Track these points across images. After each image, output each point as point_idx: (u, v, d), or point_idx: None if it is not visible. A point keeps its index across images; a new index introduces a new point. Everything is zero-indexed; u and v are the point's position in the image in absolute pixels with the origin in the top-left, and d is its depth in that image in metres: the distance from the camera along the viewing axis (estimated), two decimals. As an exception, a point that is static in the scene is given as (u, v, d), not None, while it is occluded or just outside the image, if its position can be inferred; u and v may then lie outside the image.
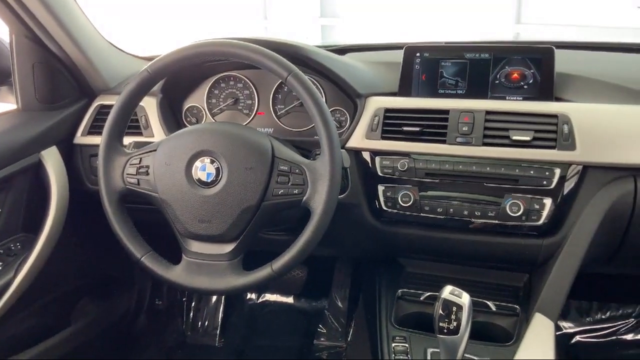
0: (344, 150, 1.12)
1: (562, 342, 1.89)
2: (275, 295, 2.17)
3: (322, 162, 1.06)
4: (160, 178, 1.11)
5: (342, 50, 1.56)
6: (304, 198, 1.06)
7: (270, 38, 1.32)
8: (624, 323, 1.94)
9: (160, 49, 1.37)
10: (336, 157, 1.06)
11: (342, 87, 1.35)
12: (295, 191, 1.07)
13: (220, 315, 2.12)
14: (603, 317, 1.96)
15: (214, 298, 2.13)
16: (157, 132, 1.41)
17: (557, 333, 1.19)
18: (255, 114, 1.46)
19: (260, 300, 2.18)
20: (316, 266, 2.09)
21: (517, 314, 1.32)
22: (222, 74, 1.47)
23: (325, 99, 1.39)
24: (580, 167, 1.19)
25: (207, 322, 2.12)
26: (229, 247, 1.10)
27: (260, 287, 2.16)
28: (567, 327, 1.96)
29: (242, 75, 1.46)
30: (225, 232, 1.08)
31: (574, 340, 1.94)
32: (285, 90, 1.43)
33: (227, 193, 1.08)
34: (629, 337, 1.92)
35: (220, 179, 1.08)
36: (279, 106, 1.44)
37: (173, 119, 1.47)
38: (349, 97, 1.37)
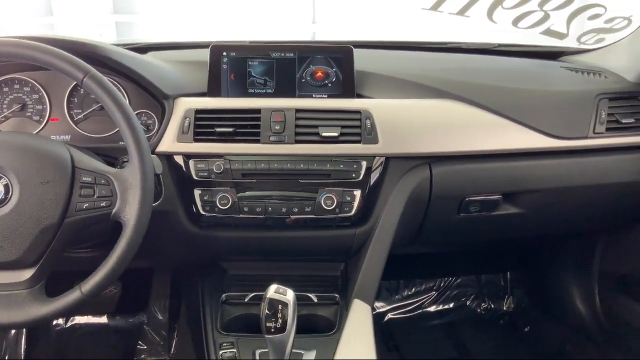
0: (154, 156, 1.06)
1: (377, 322, 2.03)
2: (86, 316, 1.99)
3: (131, 170, 0.99)
4: None
5: (142, 49, 1.47)
6: (114, 210, 0.98)
7: (60, 36, 1.20)
8: (427, 296, 2.17)
9: None
10: (146, 164, 1.00)
11: (146, 88, 1.28)
12: (103, 204, 0.98)
13: (23, 347, 1.88)
14: (409, 293, 2.16)
15: (13, 329, 1.88)
16: None
17: (373, 313, 1.27)
18: (47, 120, 1.30)
19: (69, 324, 1.98)
20: (131, 279, 1.96)
21: (337, 302, 1.38)
22: (3, 77, 1.29)
23: (129, 102, 1.29)
24: (383, 159, 1.28)
25: (6, 358, 1.86)
26: (27, 274, 0.97)
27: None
28: (380, 306, 2.12)
29: (29, 78, 1.29)
30: (22, 256, 0.96)
31: (386, 318, 2.11)
32: (82, 92, 1.31)
33: (21, 213, 0.95)
34: (432, 308, 2.16)
35: (11, 197, 0.95)
36: (75, 111, 1.31)
37: (-56, 130, 1.25)
38: (155, 99, 1.29)
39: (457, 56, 1.66)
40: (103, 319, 2.00)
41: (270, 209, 1.25)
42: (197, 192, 1.24)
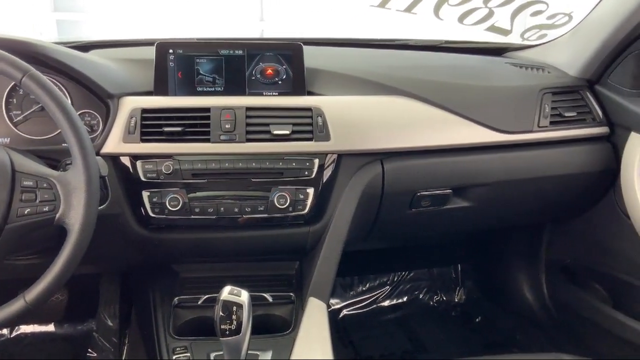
0: (99, 157, 1.03)
1: (333, 318, 2.04)
2: (32, 325, 1.91)
3: (74, 172, 0.96)
4: None
5: (84, 47, 1.42)
6: (57, 215, 0.94)
7: None
8: (381, 291, 2.19)
9: None
10: (91, 166, 0.96)
11: (89, 87, 1.23)
12: (45, 209, 0.94)
13: None
14: (364, 289, 2.18)
15: (-49, 343, 1.79)
16: None
17: (328, 310, 1.27)
18: None
19: (14, 334, 1.90)
20: (78, 286, 1.89)
21: (293, 301, 1.37)
22: None
23: (71, 102, 1.24)
24: (335, 156, 1.28)
25: (-55, 373, 1.77)
26: None
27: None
28: (335, 303, 2.13)
29: None
30: None
31: (342, 315, 2.12)
32: (21, 93, 1.25)
33: None
34: (386, 303, 2.18)
35: None
36: (14, 112, 1.25)
37: None
38: (98, 98, 1.25)
39: (405, 53, 1.68)
40: (50, 328, 1.93)
41: (222, 209, 1.23)
42: (145, 194, 1.21)
